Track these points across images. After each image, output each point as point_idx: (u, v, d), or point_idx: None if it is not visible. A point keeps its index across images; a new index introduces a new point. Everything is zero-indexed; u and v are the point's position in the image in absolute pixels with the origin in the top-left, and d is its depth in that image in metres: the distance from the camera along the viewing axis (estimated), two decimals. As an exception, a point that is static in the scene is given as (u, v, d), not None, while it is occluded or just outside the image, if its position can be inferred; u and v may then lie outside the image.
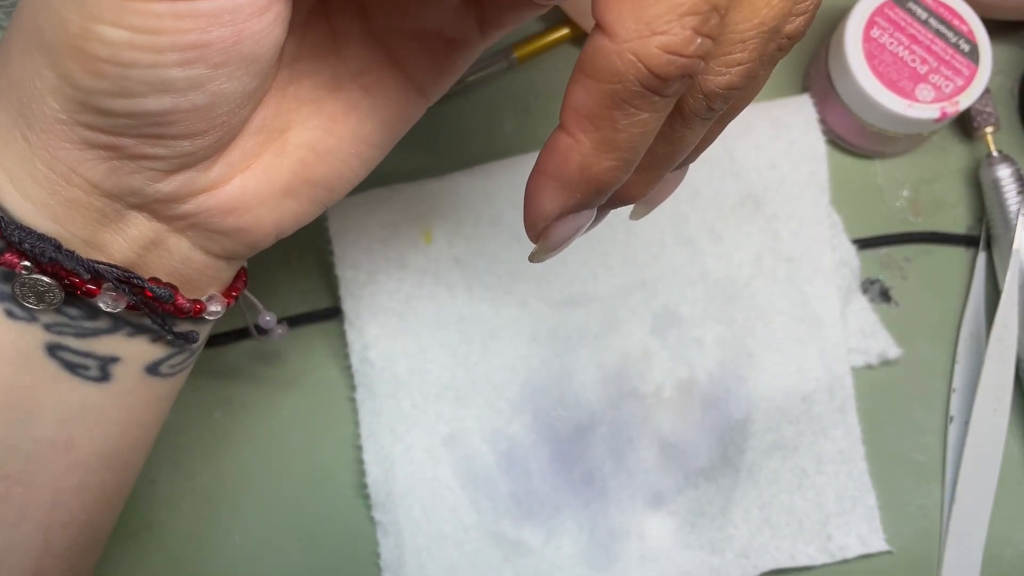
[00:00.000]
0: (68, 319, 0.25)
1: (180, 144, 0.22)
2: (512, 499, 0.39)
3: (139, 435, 0.28)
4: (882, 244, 0.43)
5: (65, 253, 0.23)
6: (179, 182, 0.23)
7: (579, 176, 0.21)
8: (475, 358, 0.40)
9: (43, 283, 0.23)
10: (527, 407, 0.40)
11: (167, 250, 0.25)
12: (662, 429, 0.40)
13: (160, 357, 0.27)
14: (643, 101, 0.19)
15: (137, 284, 0.24)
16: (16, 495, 0.26)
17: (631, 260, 0.41)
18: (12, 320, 0.24)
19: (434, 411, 0.40)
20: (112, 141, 0.22)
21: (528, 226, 0.23)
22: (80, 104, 0.21)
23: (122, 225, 0.24)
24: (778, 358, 0.40)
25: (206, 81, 0.21)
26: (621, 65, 0.19)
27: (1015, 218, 0.41)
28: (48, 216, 0.23)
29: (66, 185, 0.23)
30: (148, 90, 0.21)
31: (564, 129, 0.20)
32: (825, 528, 0.39)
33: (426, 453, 0.39)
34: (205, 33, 0.20)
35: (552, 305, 0.41)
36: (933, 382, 0.41)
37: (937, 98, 0.39)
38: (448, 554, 0.39)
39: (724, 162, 0.42)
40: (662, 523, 0.39)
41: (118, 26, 0.20)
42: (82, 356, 0.25)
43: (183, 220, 0.24)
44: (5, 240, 0.23)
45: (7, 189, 0.23)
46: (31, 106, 0.22)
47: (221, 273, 0.27)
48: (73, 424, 0.26)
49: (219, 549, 0.40)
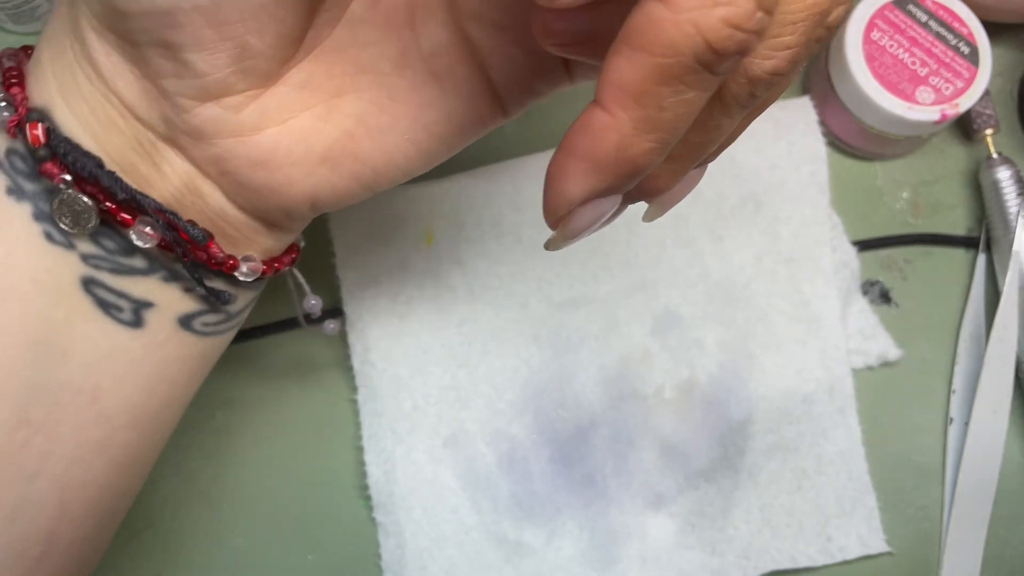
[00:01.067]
0: (104, 252, 0.24)
1: (192, 57, 0.22)
2: (513, 500, 0.39)
3: (168, 394, 0.27)
4: (882, 246, 0.43)
5: (106, 172, 0.23)
6: (206, 116, 0.23)
7: (614, 157, 0.19)
8: (476, 359, 0.40)
9: (81, 202, 0.23)
10: (528, 408, 0.40)
11: (202, 197, 0.24)
12: (663, 430, 0.40)
13: (193, 311, 0.26)
14: (694, 78, 0.18)
15: (173, 220, 0.24)
16: (36, 444, 0.24)
17: (632, 261, 0.41)
18: (50, 244, 0.24)
19: (435, 412, 0.40)
20: (133, 52, 0.22)
21: (549, 211, 0.21)
22: (102, 5, 0.21)
23: (157, 160, 0.24)
24: (778, 359, 0.40)
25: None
26: (678, 36, 0.17)
27: (1015, 220, 0.41)
28: (91, 135, 0.23)
29: (104, 103, 0.23)
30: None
31: (601, 105, 0.19)
32: (825, 529, 0.39)
33: (427, 454, 0.40)
34: None
35: (553, 306, 0.41)
36: (933, 383, 0.41)
37: (937, 100, 0.39)
38: (449, 555, 0.39)
39: (725, 164, 0.42)
40: (662, 524, 0.39)
41: None
42: (116, 295, 0.25)
43: (213, 164, 0.24)
44: (50, 149, 0.23)
45: (57, 102, 0.23)
46: (72, 10, 0.22)
47: (260, 237, 0.26)
48: (101, 370, 0.25)
49: (220, 550, 0.40)
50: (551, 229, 0.21)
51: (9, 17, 0.41)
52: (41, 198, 0.24)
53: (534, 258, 0.41)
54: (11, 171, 0.23)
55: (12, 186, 0.23)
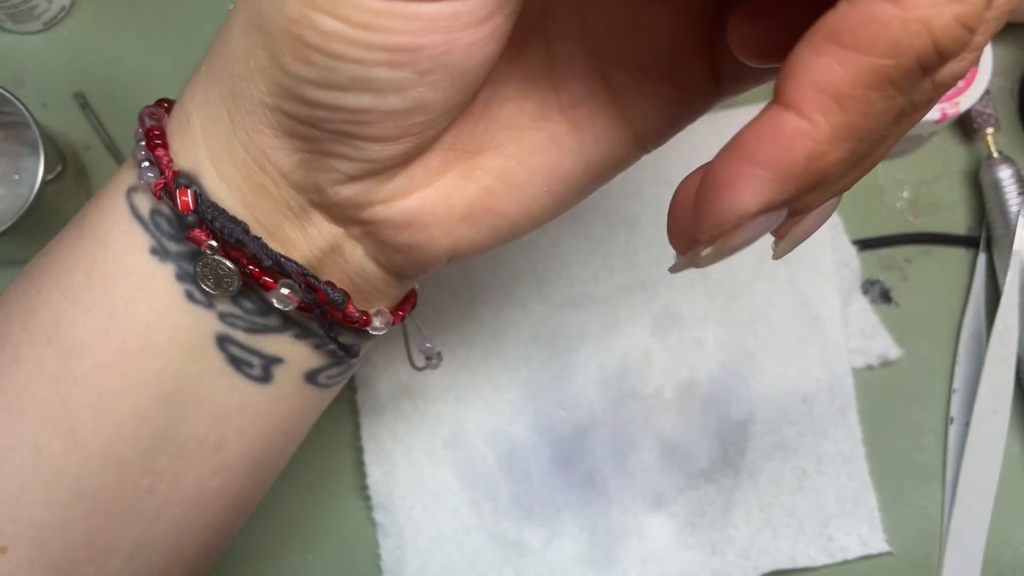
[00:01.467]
0: (242, 311, 0.25)
1: (370, 147, 0.22)
2: (513, 500, 0.39)
3: (284, 445, 0.28)
4: (882, 245, 0.43)
5: (252, 238, 0.23)
6: (360, 188, 0.23)
7: (803, 166, 0.17)
8: (476, 359, 0.40)
9: (224, 267, 0.23)
10: (528, 408, 0.40)
11: (343, 256, 0.25)
12: (663, 430, 0.40)
13: (320, 365, 0.27)
14: (908, 82, 0.16)
15: (314, 283, 0.24)
16: (160, 492, 0.25)
17: (632, 261, 0.41)
18: (190, 303, 0.24)
19: (435, 412, 0.40)
20: (307, 132, 0.22)
21: (711, 223, 0.18)
22: (284, 89, 0.21)
23: (305, 223, 0.24)
24: (779, 359, 0.40)
25: (409, 86, 0.21)
26: (905, 36, 0.15)
27: (1015, 219, 0.41)
28: (239, 200, 0.23)
29: (258, 171, 0.23)
30: (350, 85, 0.20)
31: (795, 109, 0.16)
32: (826, 529, 0.39)
33: (427, 454, 0.39)
34: (417, 36, 0.20)
35: (553, 306, 0.41)
36: (933, 383, 0.41)
37: (937, 99, 0.39)
38: (449, 555, 0.39)
39: (725, 163, 0.42)
40: (663, 524, 0.39)
41: (334, 17, 0.20)
42: (248, 352, 0.25)
43: (359, 227, 0.24)
44: (198, 216, 0.23)
45: (207, 167, 0.23)
46: (241, 85, 0.22)
47: (390, 289, 0.27)
48: (227, 423, 0.26)
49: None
50: (706, 244, 0.18)
51: (8, 16, 0.41)
52: (184, 259, 0.24)
53: (534, 258, 0.41)
54: (156, 231, 0.24)
55: (156, 246, 0.24)
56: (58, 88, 0.42)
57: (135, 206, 0.24)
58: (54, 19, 0.42)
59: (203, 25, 0.43)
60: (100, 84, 0.42)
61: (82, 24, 0.43)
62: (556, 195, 0.25)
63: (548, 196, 0.25)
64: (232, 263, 0.23)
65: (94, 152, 0.42)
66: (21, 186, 0.40)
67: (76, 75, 0.42)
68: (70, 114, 0.42)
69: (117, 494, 0.25)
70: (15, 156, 0.40)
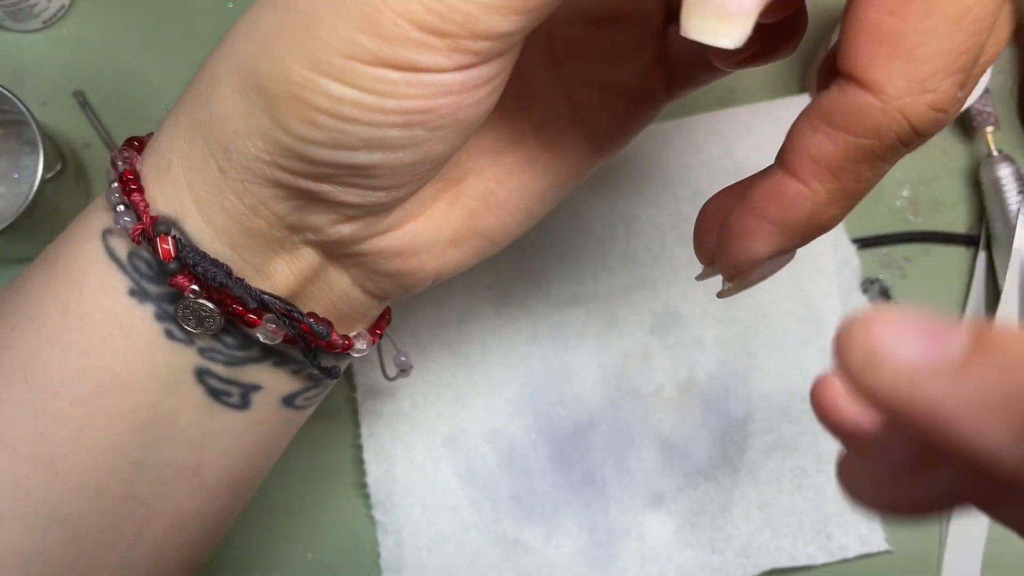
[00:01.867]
0: (222, 346, 0.25)
1: (375, 195, 0.22)
2: (512, 499, 0.39)
3: (262, 463, 0.29)
4: (882, 244, 0.43)
5: (235, 281, 0.23)
6: (358, 226, 0.23)
7: (805, 223, 0.20)
8: (475, 358, 0.40)
9: (206, 308, 0.23)
10: (527, 407, 0.40)
11: (327, 284, 0.25)
12: (662, 428, 0.40)
13: (298, 389, 0.27)
14: (893, 155, 0.19)
15: (297, 318, 0.24)
16: (139, 516, 0.26)
17: (631, 260, 0.41)
18: (170, 340, 0.24)
19: (434, 411, 0.40)
20: (309, 186, 0.22)
21: (730, 266, 0.22)
22: (287, 150, 0.21)
23: (293, 257, 0.24)
24: (778, 357, 0.40)
25: (420, 142, 0.21)
26: (884, 122, 0.18)
27: (1015, 218, 0.41)
28: (226, 242, 0.23)
29: (251, 216, 0.23)
30: (362, 145, 0.21)
31: (796, 176, 0.20)
32: (825, 528, 0.39)
33: (426, 453, 0.39)
34: (430, 100, 0.20)
35: (552, 304, 0.41)
36: (933, 382, 0.41)
37: (937, 98, 0.39)
38: (448, 553, 0.39)
39: (725, 162, 0.42)
40: (662, 522, 0.39)
41: (345, 84, 0.20)
42: (227, 383, 0.25)
43: (351, 258, 0.24)
44: (180, 262, 0.23)
45: (191, 212, 0.23)
46: (235, 141, 0.22)
47: (371, 311, 0.27)
48: (205, 448, 0.26)
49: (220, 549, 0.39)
50: (727, 280, 0.23)
51: (7, 15, 0.41)
52: (164, 300, 0.24)
53: (534, 256, 0.41)
54: (135, 274, 0.24)
55: (135, 288, 0.24)
56: (57, 86, 0.42)
57: (111, 248, 0.24)
58: (53, 17, 0.42)
59: (203, 23, 0.43)
60: (100, 82, 0.42)
61: (82, 22, 0.43)
62: (530, 211, 0.26)
63: (524, 213, 0.26)
64: (214, 304, 0.23)
65: (93, 150, 0.42)
66: (20, 184, 0.40)
67: (76, 73, 0.42)
68: (69, 112, 0.42)
69: (97, 521, 0.25)
70: (14, 154, 0.40)
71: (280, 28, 0.20)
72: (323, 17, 0.19)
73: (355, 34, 0.19)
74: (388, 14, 0.19)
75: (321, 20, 0.19)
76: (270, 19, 0.21)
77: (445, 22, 0.19)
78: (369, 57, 0.19)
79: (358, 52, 0.19)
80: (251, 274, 0.24)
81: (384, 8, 0.19)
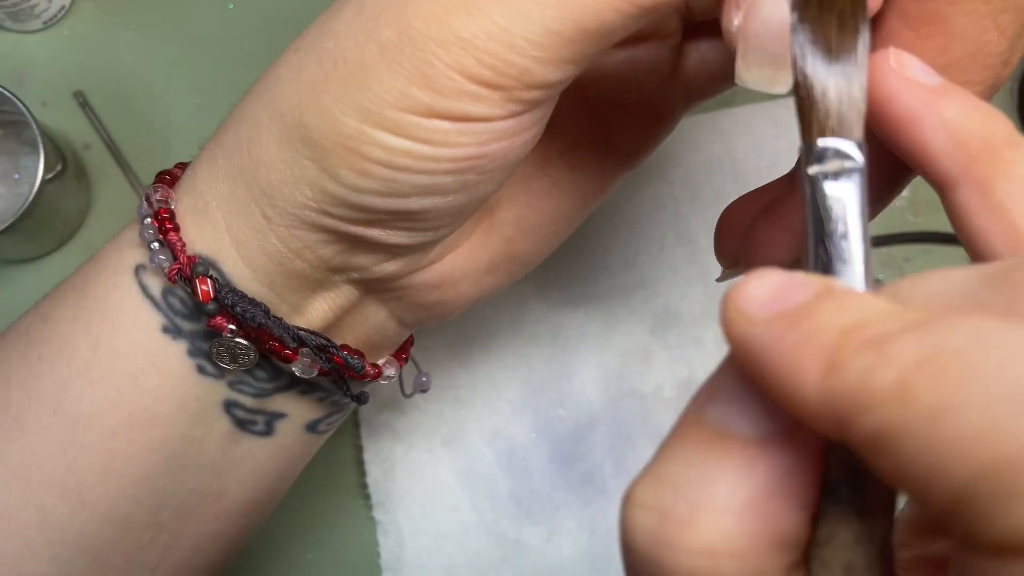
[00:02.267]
0: (252, 379, 0.25)
1: (423, 235, 0.22)
2: (512, 499, 0.39)
3: (281, 486, 0.29)
4: (882, 244, 0.43)
5: (273, 320, 0.23)
6: (403, 263, 0.23)
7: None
8: (475, 358, 0.40)
9: (241, 346, 0.24)
10: (527, 407, 0.40)
11: (364, 317, 0.25)
12: (662, 429, 0.40)
13: (321, 416, 0.27)
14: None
15: (332, 352, 0.24)
16: (162, 541, 0.26)
17: (631, 260, 0.41)
18: (201, 375, 0.24)
19: (434, 411, 0.40)
20: (357, 231, 0.22)
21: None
22: (336, 198, 0.21)
23: (333, 294, 0.24)
24: (778, 358, 0.40)
25: (471, 185, 0.21)
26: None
27: (1015, 218, 0.41)
28: (265, 283, 0.23)
29: (295, 259, 0.23)
30: (414, 192, 0.21)
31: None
32: (825, 528, 0.39)
33: (426, 453, 0.39)
34: (483, 147, 0.20)
35: (552, 305, 0.41)
36: (933, 382, 0.41)
37: (937, 98, 0.39)
38: (448, 554, 0.39)
39: (725, 162, 0.42)
40: (662, 523, 0.39)
41: (399, 135, 0.20)
42: (253, 413, 0.26)
43: (391, 292, 0.25)
44: (218, 303, 0.23)
45: (230, 253, 0.23)
46: (280, 189, 0.22)
47: (401, 339, 0.27)
48: (229, 475, 0.26)
49: (219, 549, 0.40)
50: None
51: (8, 15, 0.41)
52: (198, 337, 0.24)
53: (533, 256, 0.41)
54: (168, 311, 0.24)
55: (169, 325, 0.24)
56: (58, 87, 0.42)
57: (145, 285, 0.24)
58: (54, 18, 0.42)
59: (203, 24, 0.43)
60: (100, 83, 0.42)
61: (82, 23, 0.43)
62: (559, 232, 0.27)
63: (554, 234, 0.27)
64: (250, 341, 0.24)
65: (94, 151, 0.42)
66: (21, 185, 0.40)
67: (76, 74, 0.42)
68: (70, 113, 0.42)
69: (120, 547, 0.25)
70: (15, 155, 0.40)
71: (327, 80, 0.20)
72: (374, 70, 0.19)
73: (408, 88, 0.19)
74: (442, 68, 0.19)
75: (372, 73, 0.19)
76: (315, 71, 0.21)
77: (500, 76, 0.19)
78: (423, 109, 0.19)
79: (412, 105, 0.19)
80: (288, 312, 0.24)
81: (438, 63, 0.19)
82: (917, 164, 0.18)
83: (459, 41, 0.19)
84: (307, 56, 0.21)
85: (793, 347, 0.13)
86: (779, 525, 0.13)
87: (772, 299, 0.13)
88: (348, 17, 0.20)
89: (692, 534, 0.13)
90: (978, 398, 0.11)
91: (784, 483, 0.13)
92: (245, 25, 0.42)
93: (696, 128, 0.42)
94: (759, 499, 0.13)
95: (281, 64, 0.22)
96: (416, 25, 0.19)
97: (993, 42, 0.19)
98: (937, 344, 0.11)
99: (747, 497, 0.13)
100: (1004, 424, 0.11)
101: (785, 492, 0.13)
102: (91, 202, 0.41)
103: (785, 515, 0.13)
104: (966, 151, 0.17)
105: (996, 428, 0.11)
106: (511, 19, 0.19)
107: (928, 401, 0.11)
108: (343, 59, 0.20)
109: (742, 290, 0.14)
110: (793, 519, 0.13)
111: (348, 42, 0.20)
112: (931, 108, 0.17)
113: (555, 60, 0.19)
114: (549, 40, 0.19)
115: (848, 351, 0.12)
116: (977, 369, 0.11)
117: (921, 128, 0.17)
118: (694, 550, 0.13)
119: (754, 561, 0.12)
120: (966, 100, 0.17)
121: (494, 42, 0.19)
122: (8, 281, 0.41)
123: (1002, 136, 0.17)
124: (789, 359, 0.13)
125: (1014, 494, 0.10)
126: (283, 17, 0.42)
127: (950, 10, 0.18)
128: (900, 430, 0.11)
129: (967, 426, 0.11)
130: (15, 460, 0.24)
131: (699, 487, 0.13)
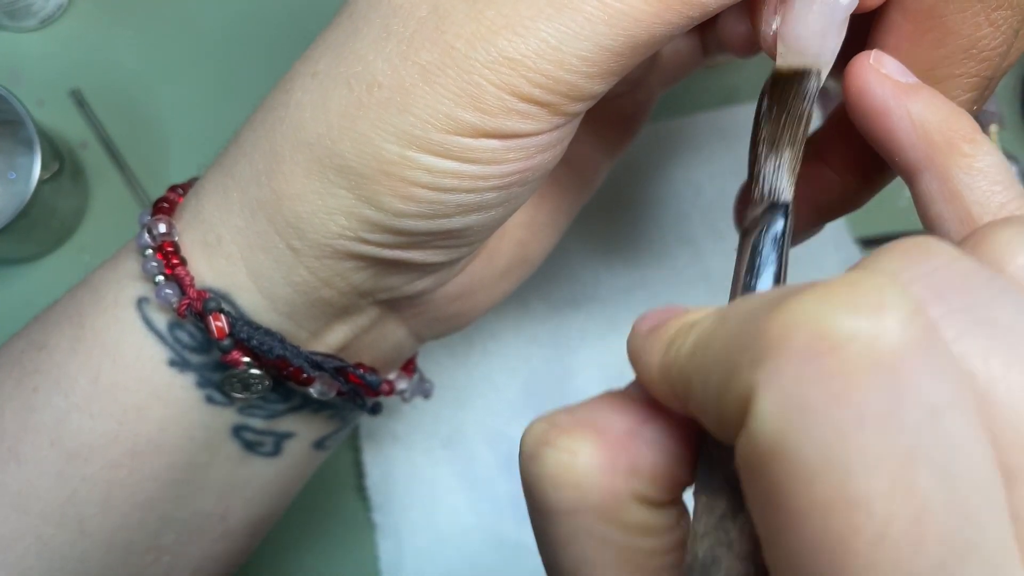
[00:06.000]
0: (263, 402, 0.24)
1: (460, 251, 0.22)
2: (512, 501, 0.39)
3: (283, 503, 0.28)
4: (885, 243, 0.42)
5: (290, 349, 0.23)
6: (434, 279, 0.23)
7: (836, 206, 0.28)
8: (475, 359, 0.40)
9: (255, 376, 0.23)
10: (528, 408, 0.40)
11: (383, 335, 0.25)
12: (663, 430, 0.40)
13: (329, 432, 0.27)
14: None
15: (349, 372, 0.24)
16: (164, 563, 0.25)
17: (633, 260, 0.41)
18: (209, 404, 0.24)
19: (434, 412, 0.40)
20: (394, 255, 0.22)
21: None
22: (375, 225, 0.21)
23: (355, 316, 0.24)
24: (780, 359, 0.40)
25: (514, 198, 0.21)
26: None
27: (1020, 218, 0.40)
28: (284, 312, 0.23)
29: (323, 287, 0.22)
30: (458, 212, 0.21)
31: (830, 166, 0.26)
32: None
33: (426, 455, 0.39)
34: (528, 160, 0.20)
35: (553, 305, 0.41)
36: (937, 383, 0.41)
37: (941, 97, 0.39)
38: (447, 556, 0.39)
39: (726, 161, 0.41)
40: (663, 525, 0.39)
41: (445, 157, 0.20)
42: (262, 435, 0.25)
43: (413, 309, 0.24)
44: (233, 339, 0.22)
45: (245, 286, 0.22)
46: (311, 220, 0.21)
47: (412, 353, 0.27)
48: (234, 496, 0.26)
49: (217, 551, 0.39)
50: None
51: (5, 13, 0.41)
52: (207, 368, 0.23)
53: (534, 256, 0.41)
54: (176, 345, 0.23)
55: (176, 359, 0.23)
56: (55, 85, 0.42)
57: (149, 319, 0.23)
58: (51, 16, 0.42)
59: (200, 22, 0.43)
60: (97, 81, 0.42)
61: (79, 21, 0.43)
62: (559, 227, 0.27)
63: (556, 231, 0.27)
64: (264, 370, 0.23)
65: (91, 150, 0.42)
66: (17, 184, 0.40)
67: (73, 72, 0.42)
68: (67, 112, 0.42)
69: (121, 572, 0.25)
70: (11, 154, 0.40)
71: (361, 106, 0.20)
72: (415, 94, 0.19)
73: (454, 110, 0.19)
74: (491, 89, 0.19)
75: (413, 97, 0.19)
76: (344, 98, 0.20)
77: (549, 93, 0.19)
78: (471, 130, 0.19)
79: (459, 127, 0.19)
80: (306, 338, 0.23)
81: (486, 83, 0.19)
82: (887, 153, 0.20)
83: (508, 62, 0.19)
84: (330, 81, 0.20)
85: (652, 343, 0.16)
86: (638, 455, 0.15)
87: (652, 322, 0.17)
88: (375, 39, 0.20)
89: (565, 437, 0.15)
90: (721, 335, 0.14)
91: (653, 431, 0.15)
92: (243, 23, 0.42)
93: (698, 127, 0.42)
94: (629, 432, 0.15)
95: (297, 90, 0.21)
96: (458, 46, 0.19)
97: (987, 37, 0.20)
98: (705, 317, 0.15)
99: (619, 428, 0.15)
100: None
101: (651, 436, 0.15)
102: (88, 201, 0.41)
103: (643, 451, 0.15)
104: (929, 143, 0.19)
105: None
106: (562, 38, 0.19)
107: (690, 349, 0.15)
108: (377, 84, 0.20)
109: (640, 320, 0.17)
110: (651, 457, 0.15)
111: (381, 65, 0.20)
112: (899, 102, 0.19)
113: (604, 74, 0.19)
114: (600, 56, 0.19)
115: (676, 337, 0.15)
116: (720, 319, 0.14)
117: (890, 119, 0.19)
118: (562, 446, 0.15)
119: (608, 475, 0.15)
120: (933, 98, 0.19)
121: (544, 61, 0.19)
122: (5, 282, 0.40)
123: (963, 132, 0.19)
124: (649, 351, 0.16)
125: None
126: (283, 16, 0.42)
127: (945, 7, 0.20)
128: (681, 369, 0.14)
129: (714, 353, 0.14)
130: (12, 491, 0.24)
131: (587, 412, 0.16)
